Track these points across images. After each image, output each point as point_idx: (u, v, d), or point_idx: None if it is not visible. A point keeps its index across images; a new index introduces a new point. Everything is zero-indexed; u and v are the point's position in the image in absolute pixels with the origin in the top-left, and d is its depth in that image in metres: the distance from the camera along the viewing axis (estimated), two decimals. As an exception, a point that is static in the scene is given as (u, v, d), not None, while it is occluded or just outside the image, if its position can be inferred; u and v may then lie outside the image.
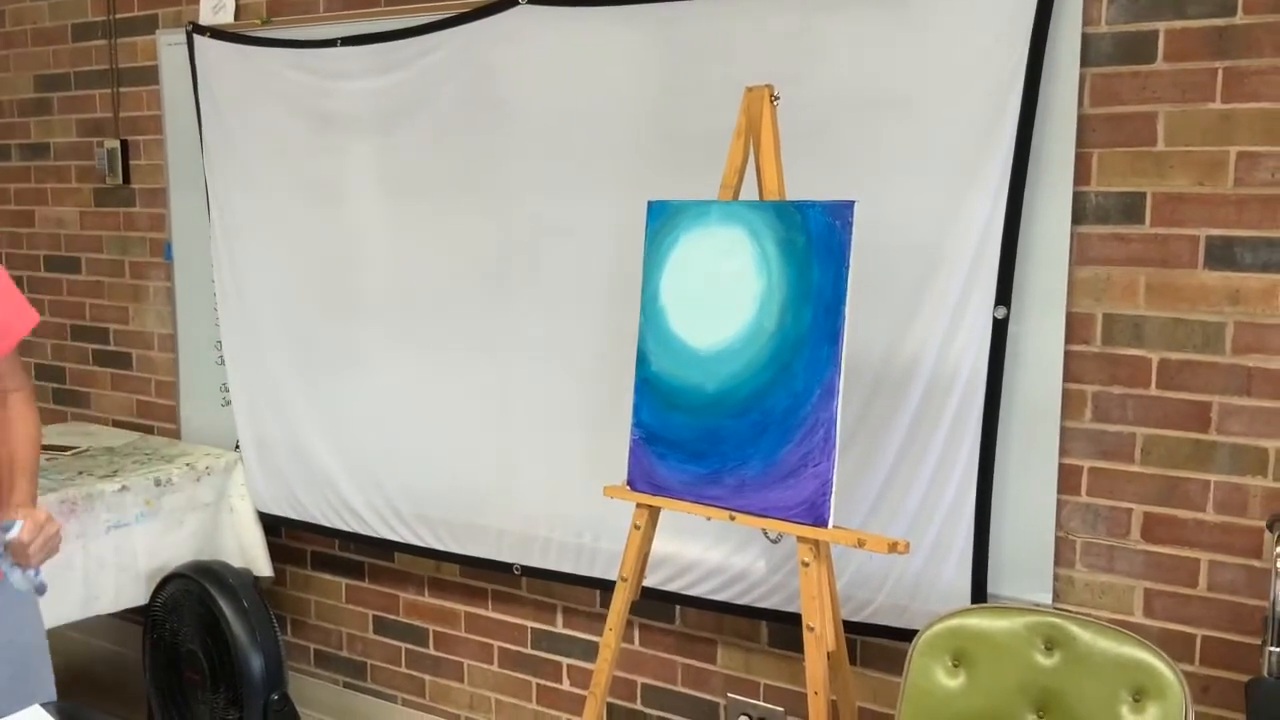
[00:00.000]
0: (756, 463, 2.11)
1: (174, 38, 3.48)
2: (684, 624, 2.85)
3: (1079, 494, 2.32)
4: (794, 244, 2.07)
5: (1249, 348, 2.14)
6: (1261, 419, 2.14)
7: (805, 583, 2.07)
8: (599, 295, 2.74)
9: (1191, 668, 2.24)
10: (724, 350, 2.16)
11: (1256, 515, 2.17)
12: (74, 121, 3.87)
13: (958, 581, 2.37)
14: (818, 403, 2.03)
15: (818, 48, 2.40)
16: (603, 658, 2.34)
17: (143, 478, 3.19)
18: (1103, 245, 2.24)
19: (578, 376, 2.81)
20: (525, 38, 2.77)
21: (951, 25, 2.26)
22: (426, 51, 2.93)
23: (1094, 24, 2.20)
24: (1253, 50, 2.08)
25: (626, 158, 2.66)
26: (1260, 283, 2.12)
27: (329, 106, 3.12)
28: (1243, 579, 2.19)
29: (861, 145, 2.37)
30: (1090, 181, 2.23)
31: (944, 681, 2.16)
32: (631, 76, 2.64)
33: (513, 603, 3.13)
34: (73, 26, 3.83)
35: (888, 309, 2.36)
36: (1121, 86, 2.19)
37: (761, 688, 2.76)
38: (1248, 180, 2.11)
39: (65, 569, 3.00)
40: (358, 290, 3.14)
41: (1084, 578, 2.33)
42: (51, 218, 4.00)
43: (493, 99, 2.85)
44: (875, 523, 2.42)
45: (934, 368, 2.34)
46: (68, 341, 4.04)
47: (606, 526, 2.78)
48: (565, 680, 3.07)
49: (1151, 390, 2.23)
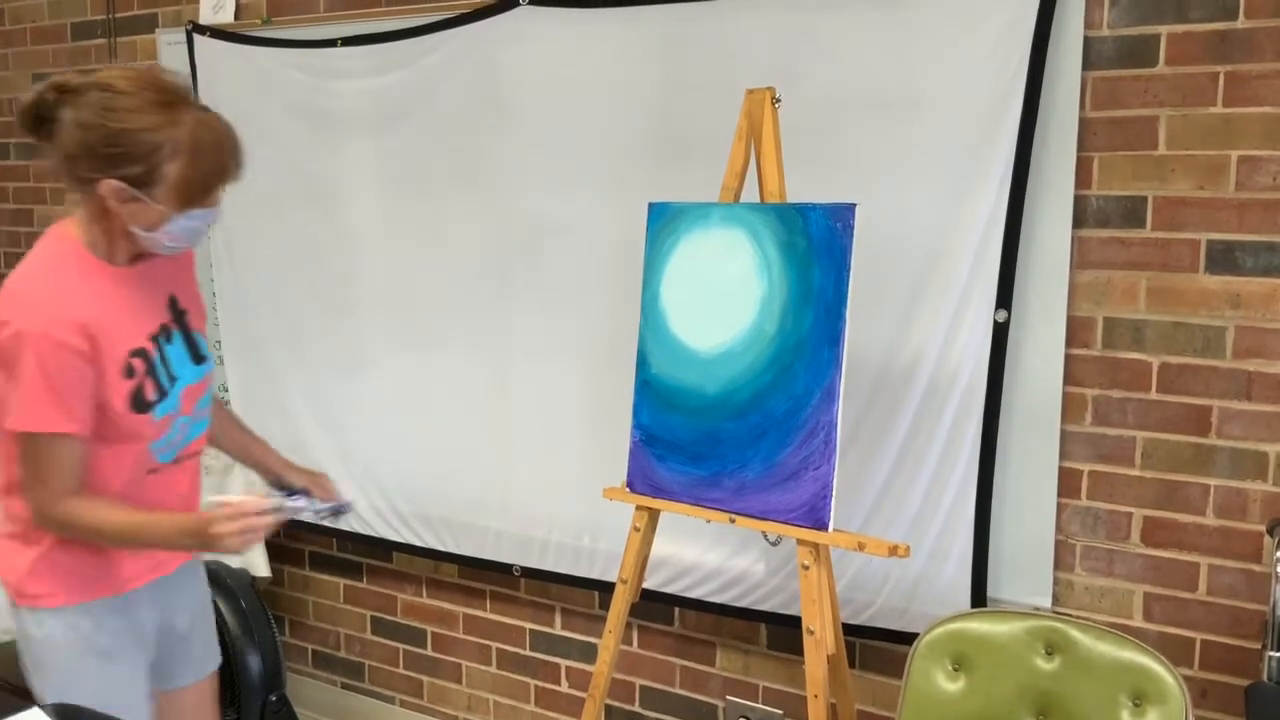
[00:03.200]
0: (756, 465, 2.11)
1: (174, 37, 3.47)
2: (683, 626, 2.85)
3: (1079, 497, 2.31)
4: (795, 246, 2.07)
5: (1249, 352, 2.14)
6: (1262, 423, 2.14)
7: (805, 585, 2.07)
8: (599, 296, 2.74)
9: (1191, 672, 2.24)
10: (725, 352, 2.16)
11: (1256, 519, 2.17)
12: (73, 120, 3.87)
13: (957, 585, 2.37)
14: (818, 405, 2.03)
15: (819, 50, 2.40)
16: (602, 659, 2.34)
17: (141, 478, 3.19)
18: (1103, 249, 2.24)
19: (577, 377, 2.81)
20: (526, 38, 2.77)
21: (953, 28, 2.26)
22: (427, 52, 2.92)
23: (1095, 27, 2.19)
24: (1254, 54, 2.08)
25: (627, 159, 2.66)
26: (1261, 287, 2.12)
27: (329, 106, 3.12)
28: (1242, 583, 2.19)
29: (863, 148, 2.37)
30: (1091, 185, 2.23)
31: (944, 685, 2.16)
32: (632, 78, 2.63)
33: (511, 604, 3.12)
34: (72, 25, 3.82)
35: (888, 312, 2.36)
36: (1123, 90, 2.19)
37: (760, 690, 2.76)
38: (1249, 184, 2.11)
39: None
40: (357, 290, 3.14)
41: (1084, 581, 2.33)
42: (50, 217, 3.99)
43: (493, 100, 2.84)
44: (875, 526, 2.42)
45: (934, 371, 2.34)
46: (66, 340, 4.03)
47: (605, 528, 2.78)
48: (564, 682, 3.07)
49: (1152, 394, 2.23)
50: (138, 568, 1.94)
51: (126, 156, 1.70)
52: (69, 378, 1.73)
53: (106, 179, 1.71)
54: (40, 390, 1.72)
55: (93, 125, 1.70)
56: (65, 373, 1.72)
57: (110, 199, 1.73)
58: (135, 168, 1.70)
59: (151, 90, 1.72)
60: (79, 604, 1.87)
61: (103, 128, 1.69)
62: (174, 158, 1.71)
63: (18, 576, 1.87)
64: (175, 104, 1.73)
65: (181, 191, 1.74)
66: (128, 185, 1.71)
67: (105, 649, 1.89)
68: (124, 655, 1.92)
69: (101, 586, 1.90)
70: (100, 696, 1.82)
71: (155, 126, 1.70)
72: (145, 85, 1.73)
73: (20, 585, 1.87)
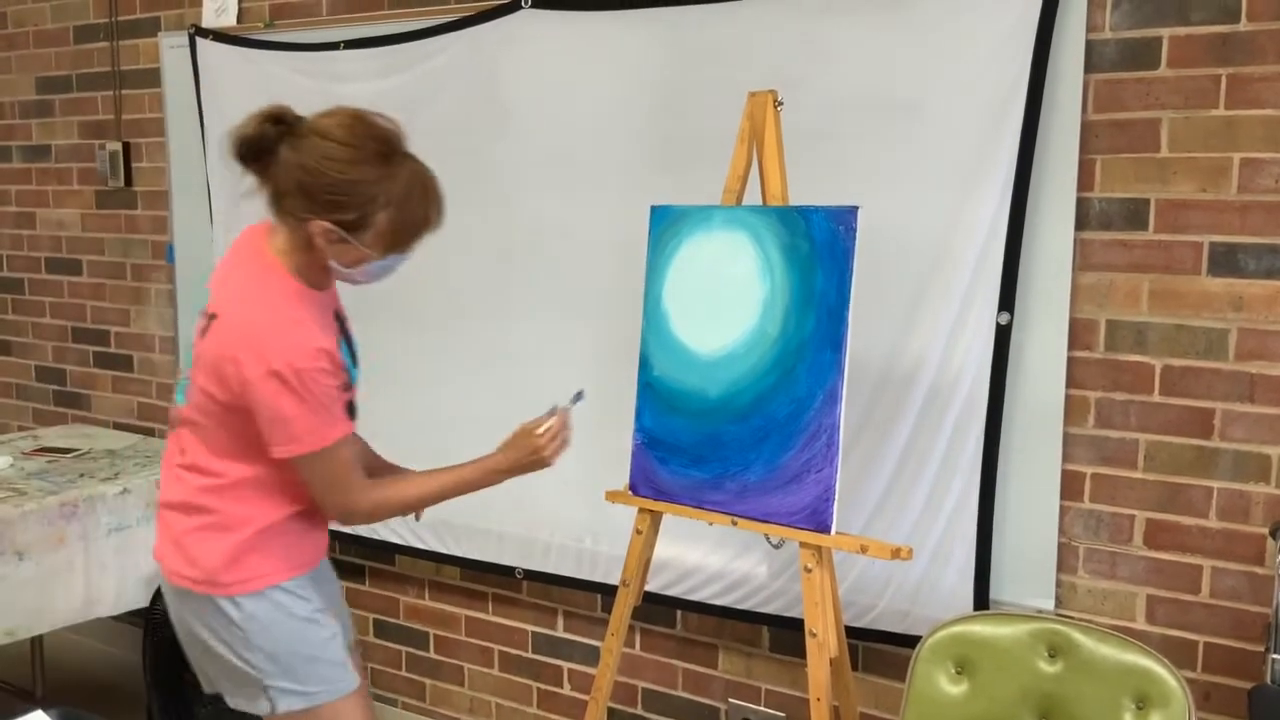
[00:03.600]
0: (759, 468, 2.11)
1: (176, 40, 3.48)
2: (685, 629, 2.85)
3: (1082, 500, 2.31)
4: (797, 249, 2.07)
5: (1252, 354, 2.14)
6: (1264, 425, 2.14)
7: (807, 588, 2.07)
8: (601, 299, 2.74)
9: (1194, 674, 2.24)
10: (727, 355, 2.16)
11: (1259, 522, 2.16)
12: (76, 123, 3.87)
13: (960, 587, 2.37)
14: (820, 408, 2.03)
15: (821, 52, 2.40)
16: (604, 662, 2.33)
17: (144, 480, 3.19)
18: (1106, 251, 2.24)
19: (579, 380, 2.80)
20: (528, 41, 2.77)
21: (955, 31, 2.26)
22: (429, 55, 2.93)
23: (1098, 30, 2.20)
24: (1256, 57, 2.08)
25: (629, 162, 2.66)
26: (1263, 289, 2.12)
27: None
28: (1245, 585, 2.19)
29: (865, 150, 2.37)
30: (1094, 187, 2.23)
31: (947, 688, 2.16)
32: (635, 81, 2.64)
33: (514, 606, 3.12)
34: (75, 29, 3.83)
35: (891, 314, 2.36)
36: (1125, 92, 2.19)
37: (763, 693, 2.75)
38: (1251, 186, 2.11)
39: (67, 571, 3.00)
40: (358, 293, 3.13)
41: (1086, 584, 2.33)
42: (53, 220, 4.00)
43: (496, 103, 2.84)
44: (877, 528, 2.42)
45: (937, 373, 2.34)
46: (69, 344, 4.04)
47: (608, 530, 2.78)
48: (566, 684, 3.07)
49: (1154, 396, 2.23)
50: (321, 544, 2.10)
51: (342, 204, 1.81)
52: (327, 393, 1.86)
53: (318, 220, 1.81)
54: (309, 415, 1.84)
55: (313, 170, 1.80)
56: (323, 391, 1.85)
57: (317, 237, 1.84)
58: (348, 214, 1.82)
59: (372, 142, 1.83)
60: (280, 583, 1.99)
61: (323, 175, 1.80)
62: (386, 208, 1.83)
63: (213, 567, 1.96)
64: (392, 156, 1.84)
65: (387, 239, 1.87)
66: (337, 228, 1.82)
67: (310, 615, 2.02)
68: (325, 619, 2.04)
69: (299, 564, 2.02)
70: (323, 651, 2.01)
71: (374, 179, 1.81)
72: (366, 137, 1.83)
73: (214, 575, 1.96)
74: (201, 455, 1.96)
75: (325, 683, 2.00)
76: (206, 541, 1.97)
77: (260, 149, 1.85)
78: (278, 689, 1.97)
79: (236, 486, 1.95)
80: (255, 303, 1.87)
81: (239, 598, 1.96)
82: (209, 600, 1.97)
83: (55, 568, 2.97)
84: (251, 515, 1.96)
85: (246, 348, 1.83)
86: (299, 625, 1.99)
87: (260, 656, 1.97)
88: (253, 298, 1.88)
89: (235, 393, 1.85)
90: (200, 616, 2.00)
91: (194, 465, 1.97)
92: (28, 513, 2.92)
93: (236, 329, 1.86)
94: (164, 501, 2.04)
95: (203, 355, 1.91)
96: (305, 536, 2.04)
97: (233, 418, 1.89)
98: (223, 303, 1.91)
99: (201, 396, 1.91)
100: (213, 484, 1.96)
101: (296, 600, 2.00)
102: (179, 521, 2.00)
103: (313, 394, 1.84)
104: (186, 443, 1.99)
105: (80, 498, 3.03)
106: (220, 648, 1.99)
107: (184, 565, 1.99)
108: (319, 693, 1.99)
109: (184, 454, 1.99)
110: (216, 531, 1.96)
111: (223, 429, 1.92)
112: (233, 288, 1.92)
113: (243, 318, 1.86)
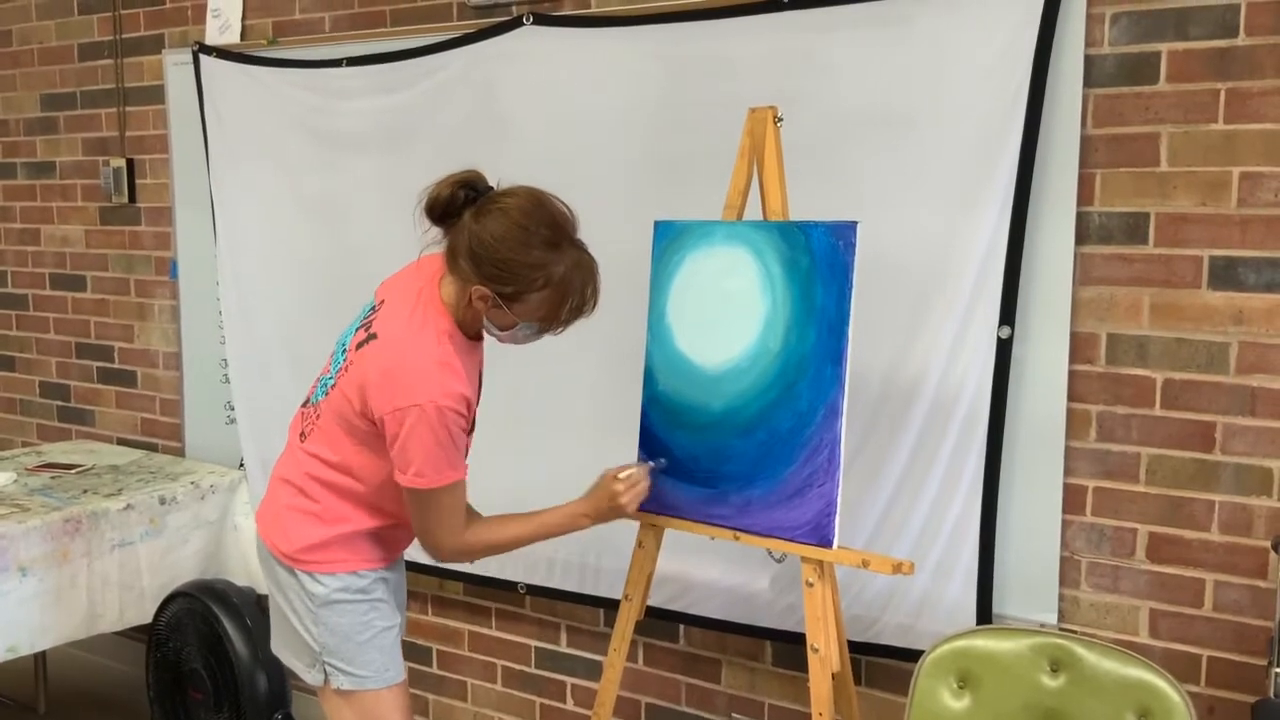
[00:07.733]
0: (761, 482, 2.11)
1: (180, 57, 3.50)
2: (688, 643, 2.85)
3: (1084, 514, 2.31)
4: (798, 264, 2.08)
5: (1253, 368, 2.14)
6: (1266, 439, 2.14)
7: (810, 603, 2.07)
8: (604, 313, 2.73)
9: (1197, 689, 2.23)
10: (730, 369, 2.16)
11: (1261, 535, 2.16)
12: (80, 140, 3.89)
13: (963, 601, 2.37)
14: (822, 423, 2.03)
15: (822, 69, 2.41)
16: (607, 677, 2.33)
17: (147, 496, 3.20)
18: (1106, 265, 2.24)
19: (583, 394, 2.81)
20: (529, 58, 2.79)
21: (954, 46, 2.27)
22: (431, 72, 2.94)
23: (1096, 45, 2.20)
24: (1255, 71, 2.09)
25: (630, 177, 2.67)
26: (1264, 303, 2.12)
27: (334, 126, 3.13)
28: (1248, 599, 2.18)
29: (865, 165, 2.38)
30: (1094, 202, 2.24)
31: (950, 703, 2.16)
32: (635, 97, 2.65)
33: (517, 621, 3.12)
34: (79, 46, 3.85)
35: (891, 329, 2.36)
36: (1124, 107, 2.20)
37: (766, 708, 2.75)
38: (1251, 200, 2.12)
39: (70, 587, 3.00)
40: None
41: (1089, 598, 2.33)
42: (57, 236, 4.02)
43: (497, 119, 2.86)
44: (879, 543, 2.42)
45: (938, 387, 2.34)
46: (72, 359, 4.05)
47: (611, 545, 2.77)
48: (569, 699, 3.06)
49: (1156, 410, 2.23)
50: (402, 543, 2.23)
51: (504, 278, 1.94)
52: (456, 437, 1.99)
53: (481, 284, 1.95)
54: (438, 454, 1.97)
55: (486, 243, 1.93)
56: (455, 435, 1.98)
57: (475, 297, 1.98)
58: (509, 288, 1.95)
59: (546, 228, 1.95)
60: (356, 570, 2.13)
61: (494, 250, 1.93)
62: (543, 288, 1.96)
63: (301, 547, 2.11)
64: (560, 243, 1.97)
65: (538, 315, 2.00)
66: (495, 295, 1.95)
67: (375, 603, 2.15)
68: (388, 610, 2.18)
69: (378, 559, 2.17)
70: (379, 639, 2.14)
71: (539, 264, 1.94)
72: (541, 222, 1.96)
73: (300, 554, 2.11)
74: (324, 449, 2.10)
75: (375, 669, 2.13)
76: (304, 525, 2.12)
77: (448, 211, 2.00)
78: (332, 665, 2.11)
79: (346, 491, 2.11)
80: (417, 339, 1.99)
81: (318, 574, 2.11)
82: (291, 572, 2.13)
83: (58, 584, 2.98)
84: (350, 517, 2.11)
85: (399, 377, 1.96)
86: (363, 611, 2.13)
87: (323, 631, 2.11)
88: (415, 333, 2.00)
89: (373, 415, 1.98)
90: (280, 581, 2.16)
91: (315, 454, 2.12)
92: (31, 529, 2.93)
93: (394, 358, 1.98)
94: (278, 472, 2.20)
95: (353, 366, 2.04)
96: (390, 537, 2.18)
97: (362, 429, 2.03)
98: (387, 327, 2.02)
99: (341, 400, 2.06)
100: (326, 478, 2.11)
101: (367, 587, 2.14)
102: (286, 495, 2.15)
103: (448, 433, 1.96)
104: (313, 428, 2.13)
105: (84, 514, 3.04)
106: (291, 615, 2.15)
107: (278, 536, 2.14)
108: (368, 678, 2.12)
109: (307, 438, 2.14)
110: (315, 519, 2.11)
111: (350, 436, 2.06)
112: (400, 319, 2.03)
113: (402, 350, 1.98)
